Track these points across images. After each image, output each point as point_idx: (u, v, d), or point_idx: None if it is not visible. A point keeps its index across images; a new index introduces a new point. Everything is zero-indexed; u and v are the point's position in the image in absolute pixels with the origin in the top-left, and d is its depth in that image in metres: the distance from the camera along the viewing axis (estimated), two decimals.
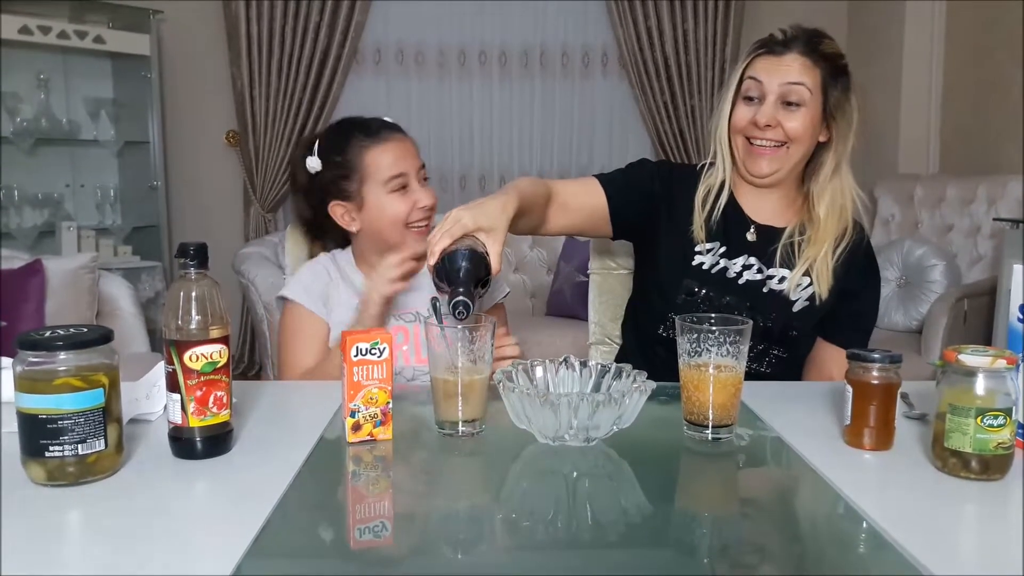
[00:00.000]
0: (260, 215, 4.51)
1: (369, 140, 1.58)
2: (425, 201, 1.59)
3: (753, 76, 1.50)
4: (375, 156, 1.57)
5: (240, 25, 4.30)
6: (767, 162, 1.51)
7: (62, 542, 0.80)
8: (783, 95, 1.48)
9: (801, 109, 1.48)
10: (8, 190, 3.87)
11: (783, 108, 1.48)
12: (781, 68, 1.48)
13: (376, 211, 1.58)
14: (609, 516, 0.88)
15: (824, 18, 4.63)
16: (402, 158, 1.58)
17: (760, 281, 1.55)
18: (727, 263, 1.55)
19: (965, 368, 0.94)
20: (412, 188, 1.58)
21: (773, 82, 1.48)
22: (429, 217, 1.61)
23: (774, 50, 1.50)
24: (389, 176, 1.56)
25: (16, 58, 3.79)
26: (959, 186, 3.68)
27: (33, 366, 0.89)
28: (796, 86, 1.47)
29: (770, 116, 1.47)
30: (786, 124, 1.48)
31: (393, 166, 1.57)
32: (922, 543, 0.77)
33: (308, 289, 1.61)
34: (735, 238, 1.56)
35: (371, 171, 1.57)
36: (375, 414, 1.07)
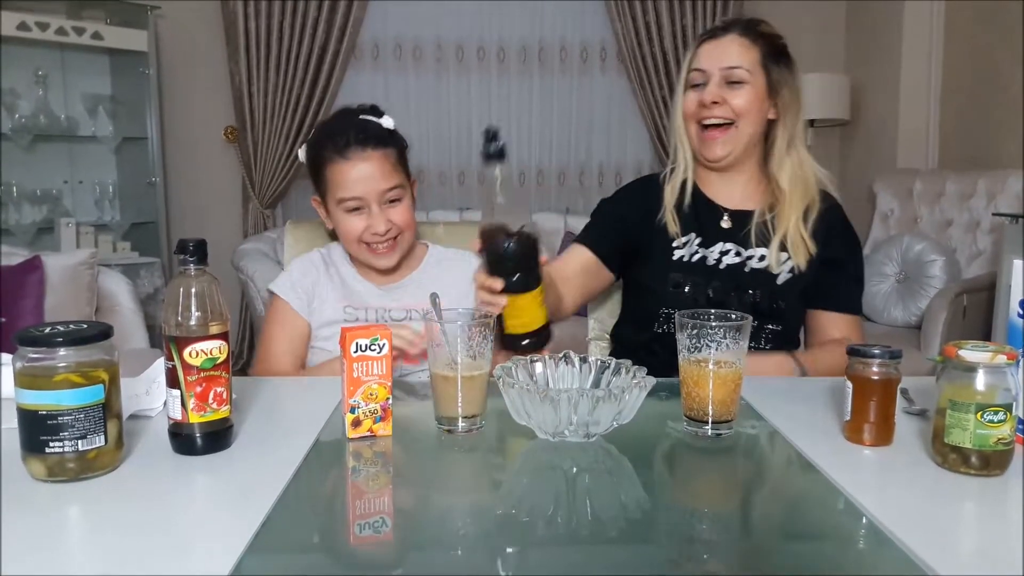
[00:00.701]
0: (259, 211, 4.50)
1: (335, 154, 1.55)
2: (377, 228, 1.55)
3: (697, 67, 1.58)
4: (334, 173, 1.55)
5: (238, 21, 4.30)
6: (720, 145, 1.57)
7: (62, 538, 0.80)
8: (725, 77, 1.55)
9: (744, 86, 1.55)
10: (7, 186, 3.87)
11: (727, 87, 1.55)
12: (720, 51, 1.56)
13: (335, 219, 1.59)
14: (609, 512, 0.88)
15: (823, 11, 4.68)
16: (360, 181, 1.54)
17: (740, 263, 1.60)
18: (705, 252, 1.61)
19: (965, 364, 0.94)
20: (371, 212, 1.55)
21: (714, 66, 1.56)
22: (389, 239, 1.57)
23: (714, 34, 1.58)
24: (341, 197, 1.55)
25: (14, 54, 3.78)
26: (958, 181, 3.68)
27: (33, 362, 0.89)
28: (736, 69, 1.55)
29: (715, 93, 1.55)
30: (731, 101, 1.55)
31: (347, 188, 1.54)
32: (922, 539, 0.77)
33: (295, 285, 1.62)
34: (709, 227, 1.63)
35: (330, 186, 1.57)
36: (375, 410, 1.07)
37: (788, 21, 4.77)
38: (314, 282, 1.63)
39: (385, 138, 1.58)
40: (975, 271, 3.48)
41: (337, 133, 1.56)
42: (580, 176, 4.77)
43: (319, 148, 1.58)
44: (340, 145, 1.54)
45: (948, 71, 4.13)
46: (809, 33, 4.70)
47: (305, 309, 1.61)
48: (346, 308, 1.61)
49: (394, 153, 1.58)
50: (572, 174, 4.77)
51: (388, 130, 1.61)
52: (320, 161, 1.57)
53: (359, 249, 1.59)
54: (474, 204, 4.61)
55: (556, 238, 4.30)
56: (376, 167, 1.54)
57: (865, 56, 4.58)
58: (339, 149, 1.54)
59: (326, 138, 1.57)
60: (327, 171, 1.56)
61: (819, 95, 4.30)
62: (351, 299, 1.63)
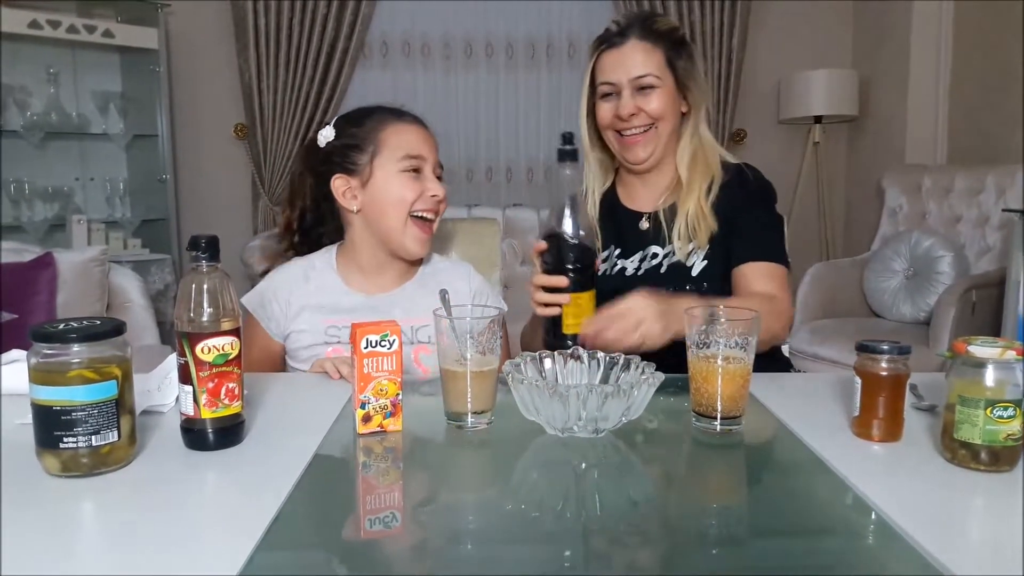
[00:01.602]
0: (268, 208, 4.51)
1: (393, 116, 1.56)
2: (436, 191, 1.54)
3: (605, 80, 1.57)
4: (396, 131, 1.54)
5: (247, 18, 4.30)
6: (642, 147, 1.58)
7: (75, 533, 0.81)
8: (635, 85, 1.55)
9: (656, 90, 1.55)
10: (18, 184, 3.89)
11: (639, 94, 1.55)
12: (626, 61, 1.56)
13: (382, 188, 1.52)
14: (618, 507, 0.89)
15: (831, 6, 4.66)
16: (423, 142, 1.55)
17: (656, 264, 1.60)
18: (624, 262, 1.63)
19: (975, 359, 0.94)
20: (425, 175, 1.54)
21: (622, 77, 1.56)
22: (437, 211, 1.56)
23: (613, 42, 1.58)
24: (406, 154, 1.52)
25: (25, 52, 3.80)
26: (967, 176, 3.66)
27: (47, 358, 0.90)
28: (645, 77, 1.55)
29: (631, 106, 1.55)
30: (647, 108, 1.55)
31: (412, 146, 1.53)
32: (931, 534, 0.78)
33: (264, 302, 1.57)
34: (629, 235, 1.64)
35: (388, 145, 1.52)
36: (385, 405, 1.08)
37: (796, 17, 4.79)
38: (288, 299, 1.56)
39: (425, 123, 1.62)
40: (984, 267, 3.47)
41: (386, 107, 1.59)
42: None
43: (368, 114, 1.57)
44: (398, 112, 1.57)
45: (957, 66, 4.11)
46: (817, 28, 4.69)
47: (279, 331, 1.57)
48: (328, 329, 1.53)
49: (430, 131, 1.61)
50: None
51: None
52: (372, 124, 1.54)
53: (403, 222, 1.52)
54: (483, 201, 4.62)
55: None
56: (432, 139, 1.58)
57: (873, 51, 4.56)
58: (398, 114, 1.56)
59: (374, 110, 1.58)
60: (383, 132, 1.53)
61: (827, 91, 4.29)
62: (333, 314, 1.54)
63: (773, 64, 4.56)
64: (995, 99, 3.79)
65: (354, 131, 1.55)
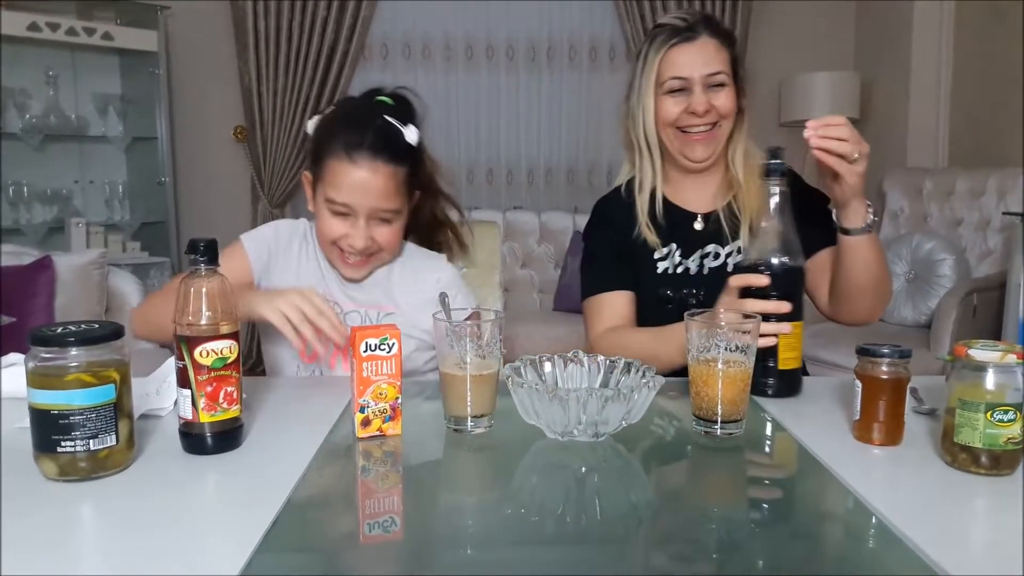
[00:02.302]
0: (268, 210, 4.52)
1: (342, 151, 1.41)
2: (355, 242, 1.43)
3: (677, 74, 1.53)
4: (334, 171, 1.41)
5: (247, 21, 4.31)
6: (704, 146, 1.56)
7: (74, 537, 0.80)
8: (707, 82, 1.53)
9: (726, 88, 1.55)
10: (17, 186, 3.89)
11: (710, 91, 1.54)
12: (700, 57, 1.53)
13: (316, 210, 1.49)
14: (618, 511, 0.89)
15: (833, 10, 4.66)
16: (357, 191, 1.41)
17: (722, 264, 1.59)
18: (686, 262, 1.60)
19: (975, 363, 0.94)
20: (355, 222, 1.43)
21: (696, 72, 1.53)
22: (365, 254, 1.47)
23: (686, 37, 1.54)
24: (331, 198, 1.42)
25: (25, 55, 3.81)
26: (968, 179, 3.66)
27: (45, 362, 0.89)
28: (718, 74, 1.53)
29: (705, 102, 1.53)
30: (716, 105, 1.54)
31: (340, 192, 1.41)
32: (932, 538, 0.77)
33: (259, 239, 1.54)
34: (686, 235, 1.61)
35: (325, 180, 1.44)
36: (384, 409, 1.08)
37: (798, 19, 4.79)
38: (285, 248, 1.54)
39: (401, 154, 1.45)
40: (985, 270, 3.47)
41: (354, 128, 1.42)
42: (589, 175, 4.77)
43: (328, 134, 1.44)
44: (352, 144, 1.40)
45: (958, 68, 4.11)
46: (819, 31, 4.70)
47: (259, 269, 1.51)
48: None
49: (404, 172, 1.45)
50: (581, 173, 4.77)
51: (408, 144, 1.47)
52: (324, 149, 1.43)
53: (330, 250, 1.49)
54: (483, 203, 4.62)
55: (565, 237, 4.30)
56: (380, 183, 1.42)
57: (875, 54, 4.57)
58: (348, 148, 1.40)
59: (341, 128, 1.44)
60: (327, 163, 1.42)
61: (829, 93, 4.29)
62: (318, 286, 1.50)
63: (774, 66, 4.56)
64: (996, 102, 3.79)
65: (316, 143, 1.48)
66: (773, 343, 1.23)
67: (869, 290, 1.44)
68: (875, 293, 1.45)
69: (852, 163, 1.27)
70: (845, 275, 1.43)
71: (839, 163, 1.27)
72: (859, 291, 1.44)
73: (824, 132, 1.26)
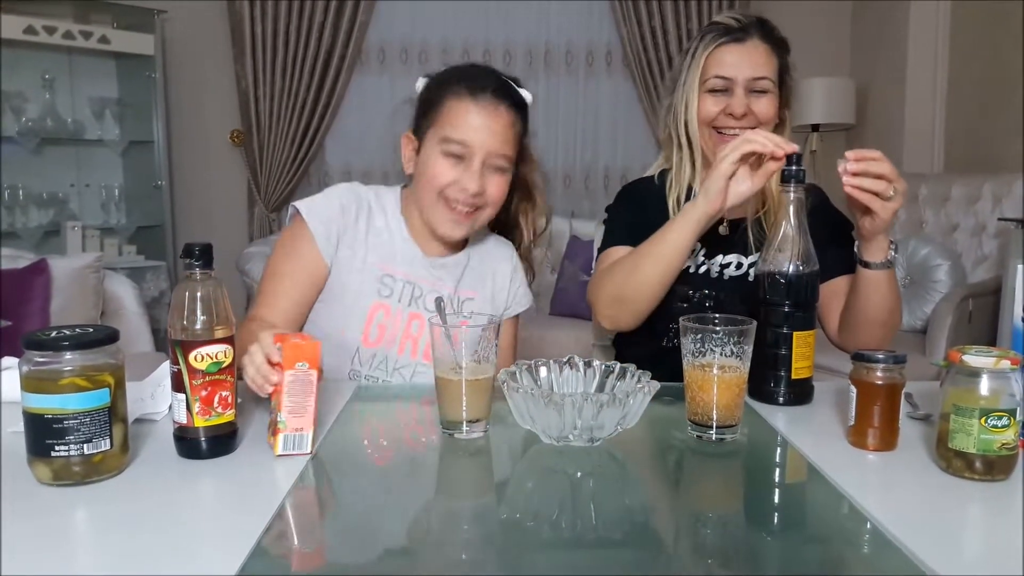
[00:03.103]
0: (264, 214, 4.52)
1: (467, 92, 1.41)
2: (469, 184, 1.39)
3: (721, 74, 1.52)
4: (456, 109, 1.40)
5: (244, 25, 4.31)
6: None
7: (68, 542, 0.80)
8: (750, 86, 1.52)
9: (768, 95, 1.53)
10: (13, 190, 3.89)
11: (751, 95, 1.52)
12: (746, 59, 1.51)
13: (423, 162, 1.44)
14: (613, 516, 0.88)
15: (829, 15, 4.68)
16: (479, 130, 1.39)
17: (743, 274, 1.58)
18: (708, 263, 1.59)
19: (969, 368, 0.94)
20: (470, 165, 1.40)
21: (741, 74, 1.51)
22: (473, 205, 1.43)
23: (736, 37, 1.52)
24: (449, 136, 1.39)
25: (21, 58, 3.80)
26: (964, 185, 3.67)
27: (39, 366, 0.89)
28: (762, 80, 1.52)
29: (744, 105, 1.51)
30: (757, 110, 1.52)
31: (461, 129, 1.39)
32: (926, 544, 0.77)
33: (329, 220, 1.45)
34: (711, 236, 1.57)
35: (441, 120, 1.41)
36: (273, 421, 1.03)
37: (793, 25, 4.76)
38: (352, 223, 1.46)
39: (522, 105, 1.48)
40: (981, 275, 3.47)
41: (479, 76, 1.45)
42: (585, 179, 4.77)
43: (450, 78, 1.44)
44: (477, 86, 1.41)
45: (954, 74, 4.12)
46: (815, 37, 4.70)
47: (331, 252, 1.44)
48: (383, 278, 1.47)
49: (520, 125, 1.47)
50: (578, 177, 4.78)
51: (524, 101, 1.49)
52: (445, 91, 1.42)
53: (435, 202, 1.43)
54: None
55: (562, 242, 4.30)
56: (500, 125, 1.41)
57: (871, 60, 4.58)
58: (474, 89, 1.41)
59: (464, 74, 1.45)
60: (448, 103, 1.41)
61: (824, 99, 4.30)
62: (390, 261, 1.47)
63: None
64: (992, 108, 3.81)
65: (430, 93, 1.46)
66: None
67: (880, 323, 1.44)
68: (885, 326, 1.45)
69: (887, 200, 1.27)
70: (859, 307, 1.43)
71: (872, 199, 1.27)
72: (870, 324, 1.44)
73: (864, 168, 1.25)
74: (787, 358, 1.23)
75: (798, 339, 1.23)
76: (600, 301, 1.51)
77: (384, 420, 1.30)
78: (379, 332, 1.46)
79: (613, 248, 1.59)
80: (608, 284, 1.49)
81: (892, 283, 1.40)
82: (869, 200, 1.26)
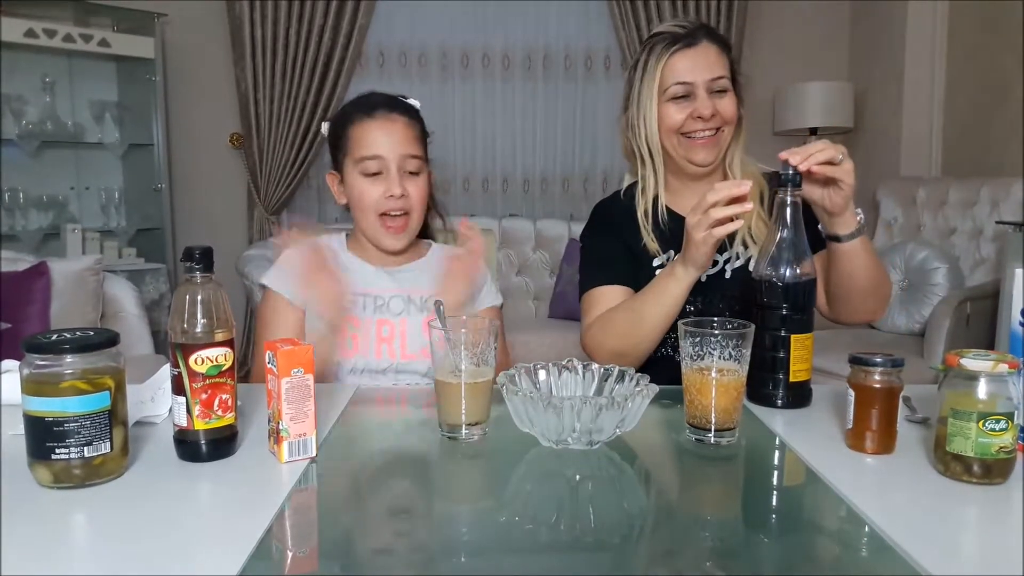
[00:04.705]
0: (264, 217, 4.51)
1: (359, 114, 1.55)
2: (394, 190, 1.52)
3: (680, 80, 1.54)
4: (358, 131, 1.54)
5: (244, 28, 4.31)
6: (708, 150, 1.56)
7: (68, 544, 0.80)
8: (710, 87, 1.54)
9: (728, 93, 1.56)
10: (13, 192, 3.89)
11: (714, 96, 1.54)
12: (701, 61, 1.54)
13: (350, 189, 1.57)
14: (612, 519, 0.89)
15: (827, 20, 4.68)
16: (383, 140, 1.53)
17: (719, 271, 1.59)
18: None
19: (967, 372, 0.94)
20: (387, 175, 1.53)
21: (700, 77, 1.53)
22: (405, 211, 1.55)
23: (688, 42, 1.54)
24: (361, 156, 1.53)
25: (22, 61, 3.80)
26: (962, 189, 3.67)
27: (40, 369, 0.90)
28: (720, 79, 1.54)
29: (711, 106, 1.53)
30: (721, 110, 1.54)
31: (369, 146, 1.52)
32: (924, 547, 0.78)
33: (285, 276, 1.56)
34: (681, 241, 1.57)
35: (350, 146, 1.55)
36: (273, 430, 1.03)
37: (792, 30, 4.80)
38: (308, 270, 1.55)
39: (412, 111, 1.60)
40: (979, 279, 3.48)
41: (368, 98, 1.59)
42: (584, 183, 4.78)
43: (345, 111, 1.59)
44: (367, 106, 1.56)
45: (951, 78, 4.13)
46: (813, 41, 4.72)
47: (299, 298, 1.56)
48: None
49: (418, 128, 1.59)
50: (576, 181, 4.78)
51: (415, 107, 1.62)
52: (344, 122, 1.56)
53: (372, 222, 1.55)
54: (479, 211, 4.62)
55: (560, 244, 4.31)
56: (400, 129, 1.54)
57: (868, 64, 4.59)
58: (366, 109, 1.55)
59: (355, 102, 1.59)
60: (350, 130, 1.55)
61: (822, 103, 4.31)
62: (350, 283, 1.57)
63: (769, 76, 4.57)
64: (989, 112, 3.81)
65: (335, 129, 1.60)
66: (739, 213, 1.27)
67: (870, 292, 1.46)
68: (875, 294, 1.47)
69: (839, 165, 1.30)
70: (845, 281, 1.45)
71: (833, 169, 1.30)
72: (861, 294, 1.46)
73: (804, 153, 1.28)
74: (785, 361, 1.23)
75: (796, 342, 1.23)
76: (601, 353, 1.52)
77: (383, 423, 1.30)
78: (353, 342, 1.54)
79: (599, 290, 1.61)
80: (607, 340, 1.52)
81: (869, 249, 1.42)
82: (832, 170, 1.30)
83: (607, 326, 1.53)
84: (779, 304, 1.23)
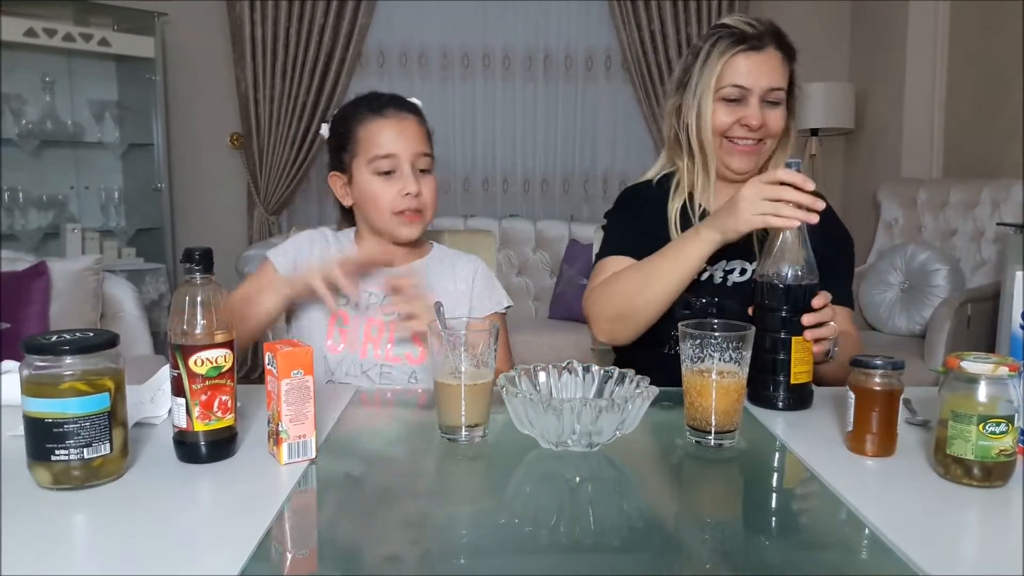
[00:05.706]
0: (264, 217, 4.52)
1: (369, 113, 1.54)
2: (410, 188, 1.51)
3: (737, 83, 1.50)
4: (367, 130, 1.53)
5: (244, 28, 4.31)
6: (750, 159, 1.54)
7: (68, 546, 0.80)
8: (764, 97, 1.51)
9: (780, 106, 1.53)
10: (13, 192, 3.89)
11: (765, 106, 1.51)
12: (763, 68, 1.50)
13: (361, 190, 1.55)
14: (611, 521, 0.89)
15: (828, 20, 4.69)
16: (397, 138, 1.52)
17: (747, 280, 1.55)
18: (711, 269, 1.55)
19: (967, 375, 0.94)
20: (400, 173, 1.52)
21: (758, 84, 1.50)
22: (419, 209, 1.54)
23: (753, 46, 1.51)
24: (375, 155, 1.51)
25: (22, 60, 3.81)
26: (963, 190, 3.68)
27: (40, 370, 0.89)
28: (777, 91, 1.51)
29: (759, 116, 1.50)
30: (769, 121, 1.51)
31: (383, 145, 1.51)
32: (924, 550, 0.78)
33: (288, 252, 1.56)
34: None
35: (361, 146, 1.53)
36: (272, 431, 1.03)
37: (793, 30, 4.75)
38: (307, 253, 1.57)
39: (419, 110, 1.60)
40: (979, 280, 3.48)
41: (373, 97, 1.58)
42: (585, 184, 4.78)
43: (351, 110, 1.57)
44: (377, 105, 1.54)
45: (952, 80, 4.13)
46: (814, 42, 4.69)
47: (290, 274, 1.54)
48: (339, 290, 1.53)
49: (426, 126, 1.60)
50: (577, 181, 4.78)
51: (420, 107, 1.62)
52: (352, 122, 1.55)
53: (388, 219, 1.54)
54: (479, 212, 4.62)
55: (560, 245, 4.30)
56: (412, 129, 1.55)
57: (869, 65, 4.59)
58: (376, 108, 1.54)
59: (360, 102, 1.58)
60: (360, 131, 1.53)
61: (823, 104, 4.31)
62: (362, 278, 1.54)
63: None
64: (990, 113, 3.81)
65: (339, 130, 1.58)
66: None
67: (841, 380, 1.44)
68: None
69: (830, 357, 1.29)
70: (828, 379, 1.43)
71: (820, 355, 1.28)
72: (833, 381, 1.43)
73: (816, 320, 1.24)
74: (786, 363, 1.23)
75: (796, 344, 1.23)
76: (601, 316, 1.50)
77: (383, 425, 1.30)
78: (341, 338, 1.53)
79: (610, 259, 1.57)
80: (611, 299, 1.48)
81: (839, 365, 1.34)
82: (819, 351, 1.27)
83: (612, 284, 1.49)
84: (780, 305, 1.23)
